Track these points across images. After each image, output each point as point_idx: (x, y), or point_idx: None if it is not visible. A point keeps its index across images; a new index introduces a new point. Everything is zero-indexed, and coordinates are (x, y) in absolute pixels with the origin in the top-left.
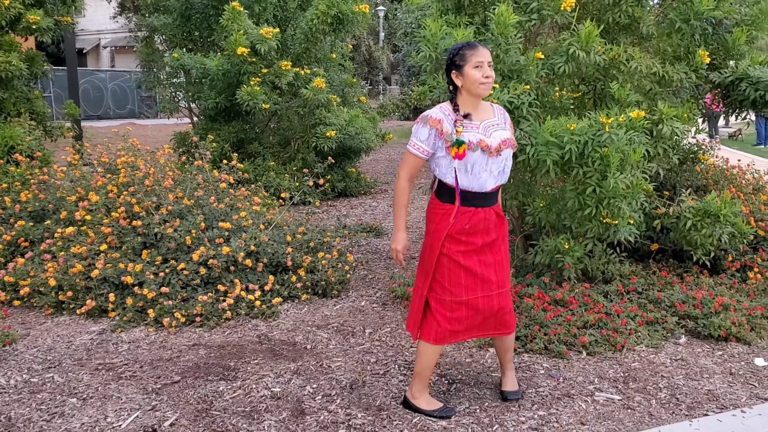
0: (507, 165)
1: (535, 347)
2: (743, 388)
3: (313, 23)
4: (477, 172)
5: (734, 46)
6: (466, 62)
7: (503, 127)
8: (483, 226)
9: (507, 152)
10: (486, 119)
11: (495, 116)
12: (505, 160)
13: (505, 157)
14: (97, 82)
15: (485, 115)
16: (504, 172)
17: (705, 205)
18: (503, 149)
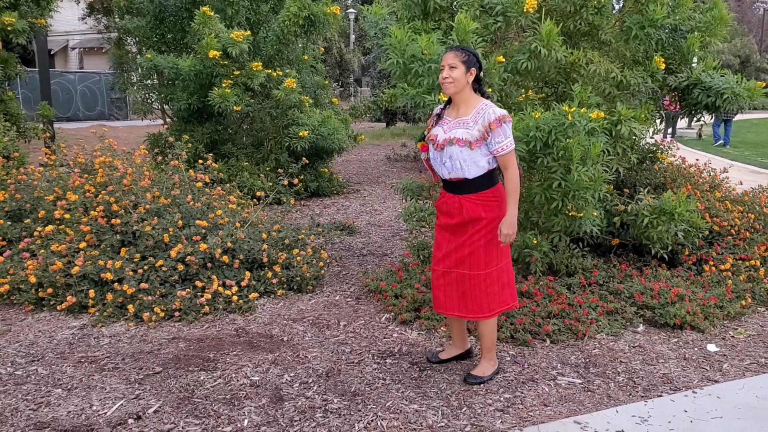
0: (457, 160)
1: (501, 336)
2: (696, 372)
3: (285, 25)
4: (435, 163)
5: (689, 51)
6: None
7: (468, 128)
8: (446, 209)
9: (453, 149)
10: (461, 117)
11: (470, 116)
12: (451, 156)
13: (451, 153)
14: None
15: (465, 113)
16: (455, 166)
17: (661, 203)
18: (447, 146)
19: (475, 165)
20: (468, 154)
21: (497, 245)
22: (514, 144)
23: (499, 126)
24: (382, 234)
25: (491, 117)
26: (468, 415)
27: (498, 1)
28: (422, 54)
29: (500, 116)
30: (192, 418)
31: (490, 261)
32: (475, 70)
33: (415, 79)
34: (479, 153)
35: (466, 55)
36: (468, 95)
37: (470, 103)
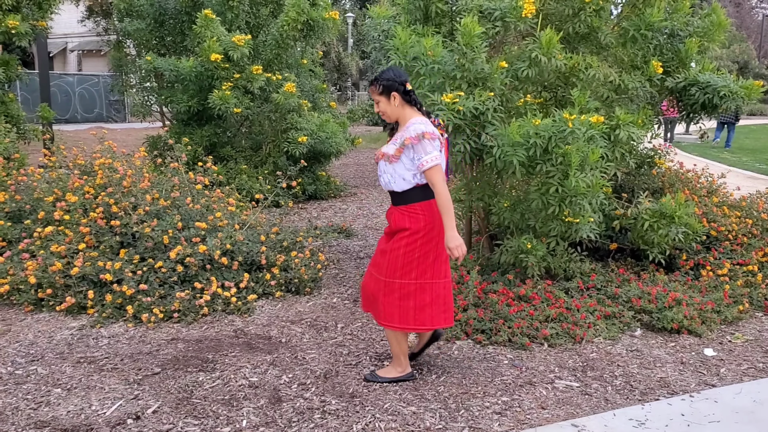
0: (385, 173)
1: (499, 339)
2: (693, 376)
3: (283, 29)
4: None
5: (687, 55)
6: None
7: (394, 143)
8: (388, 217)
9: (381, 163)
10: (398, 133)
11: (400, 132)
12: (383, 170)
13: (383, 168)
14: (64, 86)
15: (400, 130)
16: (384, 179)
17: (661, 206)
18: (379, 161)
19: (401, 179)
20: (391, 168)
21: (420, 260)
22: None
23: (417, 143)
24: (379, 237)
25: (409, 134)
26: (465, 417)
27: (496, 7)
28: (426, 55)
29: (418, 134)
30: (191, 418)
31: (406, 273)
32: (396, 93)
33: (416, 80)
34: (402, 167)
35: (380, 87)
36: (403, 114)
37: (405, 120)
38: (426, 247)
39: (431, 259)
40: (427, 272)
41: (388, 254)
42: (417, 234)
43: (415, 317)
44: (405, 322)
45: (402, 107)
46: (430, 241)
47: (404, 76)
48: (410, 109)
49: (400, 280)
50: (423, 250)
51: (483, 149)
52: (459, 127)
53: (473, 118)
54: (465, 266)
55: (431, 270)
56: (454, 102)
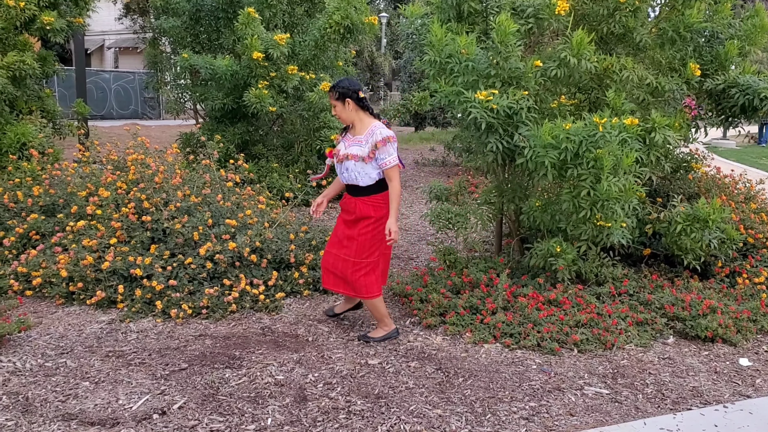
0: (354, 172)
1: (528, 344)
2: (727, 386)
3: (325, 31)
4: (337, 170)
5: (727, 58)
6: None
7: (361, 146)
8: (345, 207)
9: (349, 163)
10: (357, 136)
11: (363, 136)
12: (348, 168)
13: (350, 167)
14: (101, 83)
15: (359, 132)
16: (351, 176)
17: (695, 210)
18: (345, 161)
19: (368, 176)
20: (361, 167)
21: (379, 241)
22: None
23: (384, 145)
24: (408, 238)
25: (378, 138)
26: (492, 422)
27: (530, 4)
28: (460, 53)
29: (385, 137)
30: (216, 415)
31: (372, 252)
32: (350, 99)
33: (450, 77)
34: (370, 167)
35: (336, 93)
36: (358, 118)
37: (363, 123)
38: (382, 228)
39: (383, 236)
40: (381, 247)
41: (356, 239)
42: (379, 220)
43: (378, 283)
44: (378, 290)
45: (356, 112)
46: (384, 223)
47: (357, 85)
48: (364, 113)
49: (367, 259)
50: (381, 232)
51: (515, 150)
52: (492, 126)
53: (506, 118)
54: (495, 269)
55: (383, 245)
56: (488, 100)
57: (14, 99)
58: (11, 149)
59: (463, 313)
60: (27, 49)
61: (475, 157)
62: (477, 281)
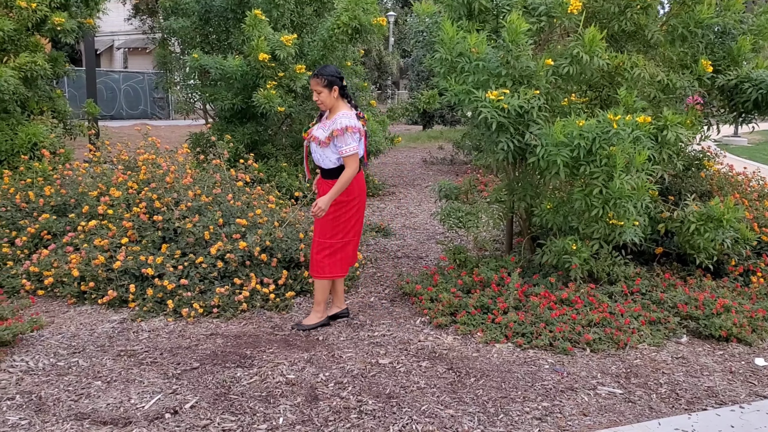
0: (317, 153)
1: (540, 343)
2: (743, 386)
3: (333, 32)
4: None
5: (739, 53)
6: None
7: (323, 130)
8: (317, 187)
9: (312, 145)
10: (327, 121)
11: (330, 121)
12: (314, 150)
13: (313, 148)
14: (110, 83)
15: (330, 118)
16: (315, 158)
17: (708, 209)
18: (311, 142)
19: (328, 159)
20: (321, 150)
21: (345, 223)
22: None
23: (342, 135)
24: (417, 237)
25: (337, 126)
26: (505, 422)
27: (541, 2)
28: (470, 52)
29: (344, 127)
30: (228, 414)
31: (335, 234)
32: (336, 87)
33: (461, 76)
34: (329, 151)
35: (325, 80)
36: (335, 105)
37: (335, 110)
38: (349, 213)
39: (353, 222)
40: (350, 232)
41: (320, 220)
42: (344, 204)
43: (341, 267)
44: (332, 272)
45: (337, 99)
46: (352, 208)
47: (341, 73)
48: (342, 101)
49: (330, 239)
50: (347, 216)
51: (526, 149)
52: (502, 125)
53: (517, 117)
54: (506, 268)
55: (352, 230)
56: (499, 99)
57: (26, 100)
58: (23, 149)
59: (474, 312)
60: (38, 50)
61: (485, 155)
62: (488, 280)
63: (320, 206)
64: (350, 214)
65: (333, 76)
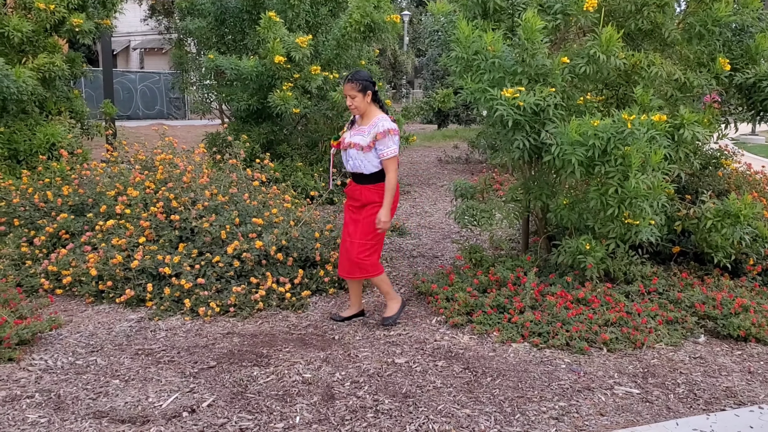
0: (357, 160)
1: (556, 343)
2: (762, 387)
3: (345, 30)
4: (343, 159)
5: (757, 51)
6: None
7: (364, 136)
8: (351, 194)
9: (351, 151)
10: (362, 127)
11: (367, 126)
12: (353, 157)
13: (353, 155)
14: (127, 83)
15: (365, 123)
16: (355, 164)
17: (725, 206)
18: (348, 149)
19: (370, 164)
20: (363, 156)
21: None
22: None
23: (384, 137)
24: (433, 236)
25: (379, 129)
26: (521, 422)
27: (557, 0)
28: (486, 50)
29: (386, 129)
30: (245, 413)
31: (375, 234)
32: (370, 92)
33: (476, 74)
34: (372, 155)
35: (360, 85)
36: (368, 110)
37: (369, 116)
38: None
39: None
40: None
41: (361, 222)
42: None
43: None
44: (378, 267)
45: (370, 104)
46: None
47: (372, 78)
48: (375, 105)
49: (371, 240)
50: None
51: (542, 147)
52: (518, 123)
53: (533, 115)
54: (522, 267)
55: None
56: (515, 97)
57: (44, 100)
58: (41, 149)
59: (491, 312)
60: (56, 51)
61: (501, 154)
62: (504, 280)
63: (384, 220)
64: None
65: (366, 80)
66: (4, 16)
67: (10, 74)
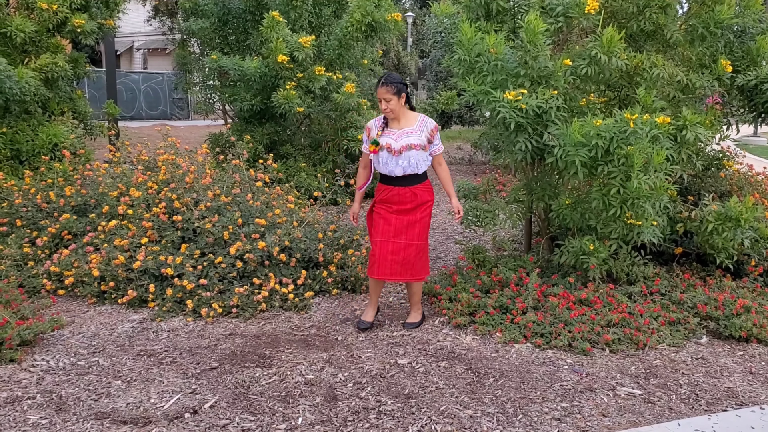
0: (414, 160)
1: (559, 344)
2: (763, 387)
3: (347, 30)
4: (384, 163)
5: (759, 53)
6: None
7: (418, 135)
8: (397, 199)
9: (411, 153)
10: (407, 128)
11: (415, 126)
12: (410, 158)
13: (409, 156)
14: (130, 84)
15: (408, 125)
16: (411, 165)
17: (726, 209)
18: (405, 151)
19: (425, 163)
20: (422, 155)
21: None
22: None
23: (436, 133)
24: (436, 237)
25: (431, 126)
26: (524, 422)
27: (559, 2)
28: (489, 52)
29: (435, 126)
30: (247, 414)
31: (426, 236)
32: (404, 94)
33: (479, 76)
34: (426, 154)
35: (395, 88)
36: (404, 112)
37: (408, 116)
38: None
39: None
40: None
41: (419, 222)
42: (432, 201)
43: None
44: (427, 272)
45: (402, 107)
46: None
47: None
48: (406, 108)
49: (426, 240)
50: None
51: (544, 149)
52: (521, 125)
53: (536, 117)
54: (524, 268)
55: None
56: (517, 99)
57: (47, 100)
58: (44, 150)
59: (493, 312)
60: (59, 51)
61: (503, 155)
62: (506, 280)
63: (460, 207)
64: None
65: (400, 83)
66: (6, 17)
67: (13, 75)
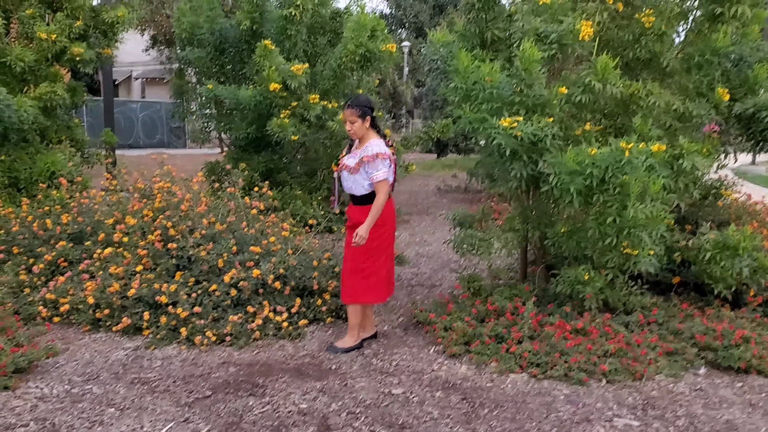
0: (348, 181)
1: (555, 374)
2: (763, 420)
3: (341, 60)
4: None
5: (756, 82)
6: None
7: (354, 158)
8: (348, 215)
9: (344, 173)
10: (357, 150)
11: (361, 150)
12: (345, 178)
13: (345, 176)
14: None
15: (360, 147)
16: (347, 185)
17: (725, 237)
18: (342, 170)
19: (360, 186)
20: (352, 177)
21: (375, 248)
22: (385, 176)
23: (372, 161)
24: (431, 265)
25: (367, 152)
26: None
27: (553, 30)
28: (484, 80)
29: (374, 154)
30: None
31: (367, 258)
32: (369, 117)
33: (475, 104)
34: (360, 178)
35: (360, 110)
36: (366, 134)
37: (365, 139)
38: (382, 237)
39: (384, 246)
40: (381, 256)
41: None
42: (376, 227)
43: (375, 292)
44: (364, 297)
45: (368, 130)
46: (384, 233)
47: (373, 103)
48: (372, 131)
49: (363, 264)
50: (379, 240)
51: (540, 177)
52: (516, 152)
53: (531, 144)
54: (520, 297)
55: (384, 254)
56: (512, 126)
57: (45, 129)
58: (41, 178)
59: (489, 341)
60: (58, 80)
61: (498, 183)
62: (502, 309)
63: (361, 234)
64: (383, 238)
65: (366, 106)
66: (6, 46)
67: (12, 104)
